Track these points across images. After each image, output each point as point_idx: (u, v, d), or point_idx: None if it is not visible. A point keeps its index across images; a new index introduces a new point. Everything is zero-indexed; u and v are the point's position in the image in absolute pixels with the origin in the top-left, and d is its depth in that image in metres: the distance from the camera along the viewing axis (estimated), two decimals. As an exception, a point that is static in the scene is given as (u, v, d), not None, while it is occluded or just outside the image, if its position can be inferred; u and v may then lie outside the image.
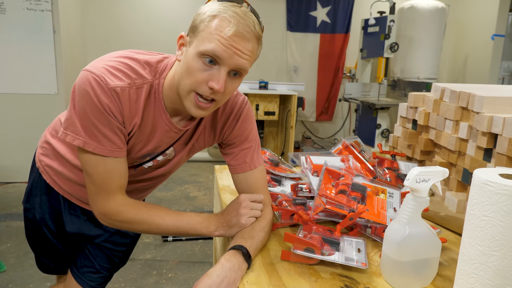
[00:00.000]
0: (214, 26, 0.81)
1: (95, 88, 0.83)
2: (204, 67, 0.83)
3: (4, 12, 3.51)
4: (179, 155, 1.07)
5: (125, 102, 0.87)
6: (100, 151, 0.87)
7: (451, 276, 0.85)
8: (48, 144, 1.13)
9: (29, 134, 3.66)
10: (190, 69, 0.84)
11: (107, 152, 0.88)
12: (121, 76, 0.87)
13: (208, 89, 0.84)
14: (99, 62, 0.88)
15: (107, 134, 0.87)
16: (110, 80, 0.85)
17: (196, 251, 2.67)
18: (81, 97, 0.84)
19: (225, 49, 0.81)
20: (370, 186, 1.09)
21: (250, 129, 1.06)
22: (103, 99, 0.84)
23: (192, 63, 0.83)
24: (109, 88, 0.84)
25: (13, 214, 3.09)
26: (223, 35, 0.80)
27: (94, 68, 0.86)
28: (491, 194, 0.63)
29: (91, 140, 0.86)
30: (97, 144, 0.87)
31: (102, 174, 0.90)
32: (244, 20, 0.82)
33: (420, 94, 1.39)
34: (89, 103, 0.84)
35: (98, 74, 0.84)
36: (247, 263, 0.84)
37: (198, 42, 0.83)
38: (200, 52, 0.82)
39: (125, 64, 0.89)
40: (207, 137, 1.06)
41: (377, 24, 4.35)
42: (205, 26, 0.82)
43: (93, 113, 0.84)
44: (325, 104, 5.42)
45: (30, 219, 1.20)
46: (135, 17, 4.75)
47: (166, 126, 0.95)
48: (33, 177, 1.19)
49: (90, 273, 1.23)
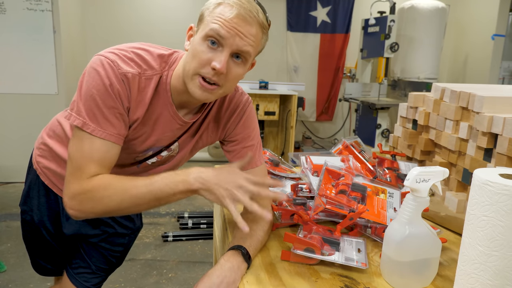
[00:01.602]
0: (218, 11, 0.85)
1: (107, 69, 0.85)
2: (208, 49, 0.85)
3: (4, 12, 3.51)
4: (182, 151, 1.07)
5: (134, 89, 0.89)
6: (97, 133, 0.86)
7: (451, 276, 0.85)
8: (46, 145, 1.12)
9: (29, 134, 3.66)
10: (195, 52, 0.86)
11: (105, 135, 0.87)
12: (133, 64, 0.89)
13: (211, 70, 0.85)
14: (112, 49, 0.90)
15: (108, 117, 0.87)
16: (122, 65, 0.87)
17: (196, 251, 2.67)
18: (91, 77, 0.85)
19: (228, 30, 0.84)
20: (370, 186, 1.09)
21: (252, 128, 1.07)
22: (113, 81, 0.85)
23: (197, 47, 0.86)
24: (120, 72, 0.86)
25: (13, 214, 3.09)
26: (225, 17, 0.83)
27: (107, 53, 0.88)
28: (491, 194, 0.63)
29: (90, 122, 0.86)
30: (95, 126, 0.86)
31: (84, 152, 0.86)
32: (247, 5, 0.85)
33: (420, 94, 1.39)
34: (97, 83, 0.85)
35: (112, 59, 0.87)
36: (247, 263, 0.84)
37: (203, 27, 0.86)
38: (205, 34, 0.85)
39: (137, 54, 0.91)
40: (210, 133, 1.06)
41: (377, 24, 4.35)
42: (210, 13, 0.86)
43: (99, 94, 0.85)
44: (325, 104, 5.41)
45: (27, 221, 1.19)
46: (135, 17, 4.75)
47: (171, 118, 0.96)
48: (30, 179, 1.18)
49: (85, 274, 1.23)
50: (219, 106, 1.04)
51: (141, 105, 0.91)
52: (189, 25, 0.93)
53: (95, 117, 0.86)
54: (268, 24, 0.91)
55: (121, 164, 1.04)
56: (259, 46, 0.90)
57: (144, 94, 0.91)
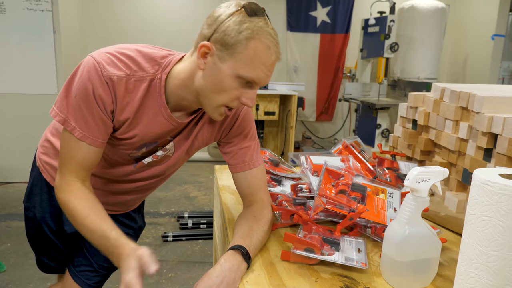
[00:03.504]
0: (254, 51, 0.84)
1: (92, 73, 0.86)
2: (240, 86, 0.87)
3: (4, 12, 3.51)
4: (178, 151, 1.07)
5: (119, 92, 0.89)
6: (76, 133, 0.89)
7: (451, 276, 0.85)
8: (49, 142, 1.14)
9: (29, 134, 3.66)
10: (224, 87, 0.87)
11: (82, 136, 0.89)
12: (121, 66, 0.89)
13: (239, 103, 0.89)
14: (104, 50, 0.91)
15: (88, 120, 0.89)
16: (109, 68, 0.87)
17: (196, 251, 2.67)
18: (77, 79, 0.88)
19: (266, 77, 0.87)
20: (370, 186, 1.09)
21: (249, 128, 1.07)
22: (96, 86, 0.87)
23: (228, 82, 0.86)
24: (105, 75, 0.87)
25: (13, 214, 3.09)
26: (266, 63, 0.85)
27: (97, 54, 0.89)
28: (491, 194, 0.63)
29: (71, 120, 0.89)
30: (75, 125, 0.89)
31: (68, 152, 0.91)
32: (276, 39, 0.86)
33: (420, 94, 1.39)
34: (81, 87, 0.87)
35: (98, 61, 0.87)
36: (247, 263, 0.84)
37: (236, 63, 0.84)
38: (240, 76, 0.85)
39: (128, 56, 0.90)
40: (205, 133, 1.06)
41: (377, 24, 4.35)
42: (243, 49, 0.83)
43: (81, 97, 0.87)
44: (325, 104, 5.42)
45: (30, 218, 1.20)
46: (135, 17, 4.75)
47: (164, 119, 0.96)
48: (33, 176, 1.19)
49: (87, 272, 1.23)
50: None
51: (129, 106, 0.92)
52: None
53: (76, 116, 0.89)
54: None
55: (117, 163, 1.05)
56: None
57: (133, 95, 0.91)
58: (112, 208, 1.19)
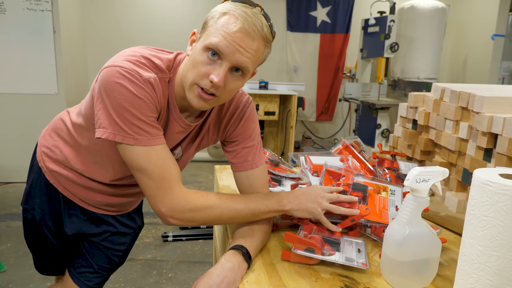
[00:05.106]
0: (222, 22, 0.83)
1: (131, 79, 0.83)
2: (208, 60, 0.85)
3: (4, 12, 3.51)
4: (186, 154, 1.07)
5: (159, 93, 0.88)
6: (151, 142, 0.85)
7: (451, 276, 0.85)
8: (54, 146, 1.11)
9: (29, 134, 3.66)
10: (195, 62, 0.86)
11: (157, 141, 0.86)
12: (148, 68, 0.88)
13: (209, 82, 0.85)
14: (120, 57, 0.87)
15: (149, 123, 0.86)
16: (142, 72, 0.85)
17: (196, 251, 2.67)
18: (114, 92, 0.82)
19: (228, 45, 0.82)
20: (371, 185, 1.09)
21: (253, 128, 1.07)
22: (139, 90, 0.83)
23: (197, 56, 0.85)
24: (143, 79, 0.84)
25: (13, 214, 3.09)
26: (228, 30, 0.82)
27: (119, 63, 0.84)
28: (491, 194, 0.63)
29: (138, 135, 0.84)
30: (146, 135, 0.85)
31: (158, 163, 0.86)
32: (252, 19, 0.83)
33: (420, 94, 1.39)
34: (125, 96, 0.82)
35: (128, 68, 0.84)
36: (247, 263, 0.84)
37: (205, 36, 0.85)
38: (205, 46, 0.84)
39: (147, 59, 0.89)
40: (211, 135, 1.07)
41: (377, 24, 4.35)
42: (214, 22, 0.85)
43: (132, 105, 0.82)
44: (325, 104, 5.42)
45: (29, 220, 1.19)
46: (135, 17, 4.75)
47: (175, 120, 0.96)
48: (32, 177, 1.17)
49: (87, 273, 1.23)
50: (220, 107, 1.04)
51: (162, 107, 0.92)
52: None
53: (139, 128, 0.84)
54: (273, 37, 0.90)
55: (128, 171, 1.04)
56: (259, 60, 0.89)
57: (162, 97, 0.91)
58: (112, 209, 1.19)
